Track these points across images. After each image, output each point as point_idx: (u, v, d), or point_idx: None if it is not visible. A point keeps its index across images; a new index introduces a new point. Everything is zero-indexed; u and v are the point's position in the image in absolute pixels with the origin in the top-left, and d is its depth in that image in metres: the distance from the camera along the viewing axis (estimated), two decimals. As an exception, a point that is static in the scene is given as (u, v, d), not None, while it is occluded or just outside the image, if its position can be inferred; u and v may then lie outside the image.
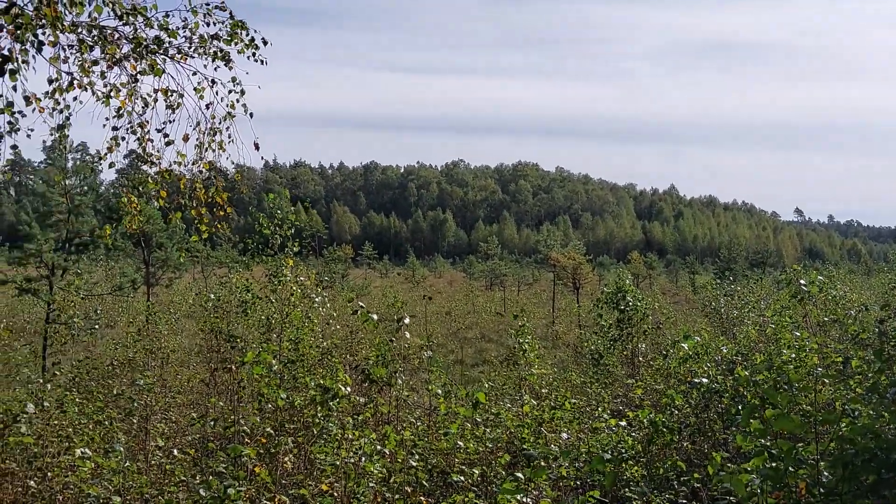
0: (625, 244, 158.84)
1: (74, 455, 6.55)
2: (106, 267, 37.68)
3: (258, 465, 6.14)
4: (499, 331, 36.83)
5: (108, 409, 8.92)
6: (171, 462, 7.51)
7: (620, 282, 16.60)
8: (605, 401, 11.91)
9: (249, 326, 15.82)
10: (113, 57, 5.77)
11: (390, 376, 8.82)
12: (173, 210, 6.82)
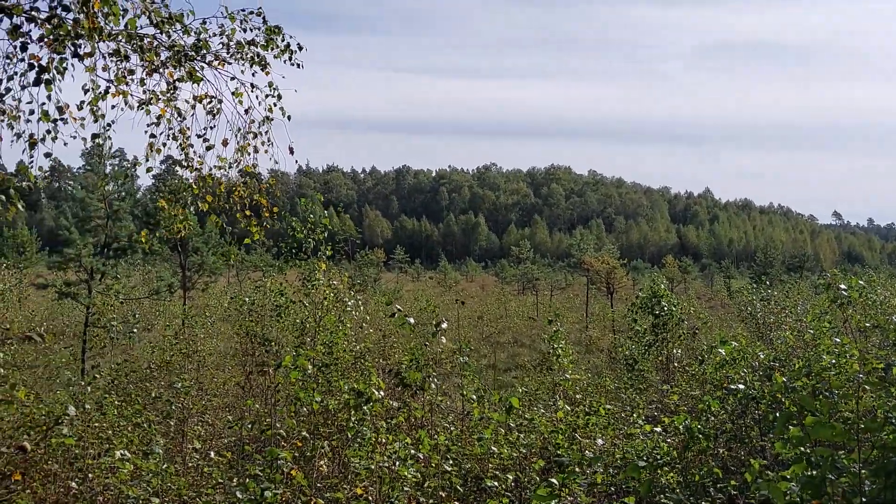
0: (659, 248, 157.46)
1: (114, 457, 6.66)
2: (143, 271, 38.26)
3: (294, 469, 6.19)
4: (531, 335, 36.69)
5: (147, 411, 9.06)
6: (208, 464, 7.61)
7: (655, 286, 16.46)
8: (639, 406, 11.80)
9: (283, 330, 15.93)
10: (151, 64, 5.87)
11: (424, 380, 8.83)
12: (215, 213, 6.92)
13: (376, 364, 13.57)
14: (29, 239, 47.65)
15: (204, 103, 6.48)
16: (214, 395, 12.09)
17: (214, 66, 6.39)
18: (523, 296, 66.41)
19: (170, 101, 6.31)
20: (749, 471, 5.52)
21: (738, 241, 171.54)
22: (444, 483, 7.00)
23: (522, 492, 7.97)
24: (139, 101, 6.14)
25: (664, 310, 15.88)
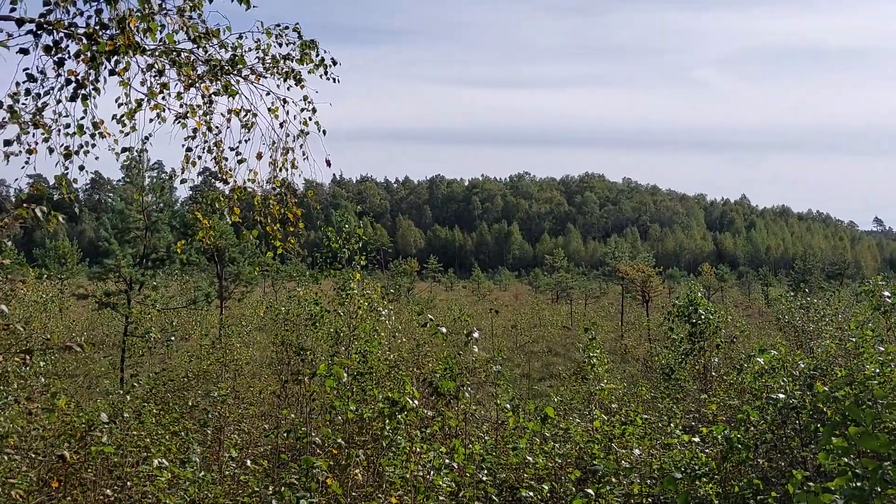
0: (695, 256, 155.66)
1: (152, 465, 6.74)
2: (181, 281, 38.78)
3: (329, 477, 6.20)
4: (566, 344, 36.47)
5: (184, 419, 9.16)
6: (244, 472, 7.66)
7: (692, 294, 16.24)
8: (676, 416, 11.65)
9: (318, 339, 16.04)
10: (188, 79, 5.96)
11: (458, 390, 8.81)
12: (248, 227, 6.98)
13: (410, 373, 13.57)
14: (70, 250, 48.62)
15: (239, 117, 6.54)
16: (251, 403, 12.18)
17: (250, 81, 6.46)
18: (557, 305, 66.05)
19: (206, 114, 6.39)
20: (791, 482, 5.41)
21: (776, 249, 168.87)
22: (479, 493, 6.96)
23: (558, 502, 7.89)
24: (176, 114, 6.23)
25: (701, 318, 15.66)
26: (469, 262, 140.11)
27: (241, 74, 6.29)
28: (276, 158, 6.77)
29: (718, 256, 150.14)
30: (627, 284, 44.77)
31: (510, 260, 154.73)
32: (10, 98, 5.13)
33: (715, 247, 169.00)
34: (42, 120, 5.18)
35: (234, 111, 6.40)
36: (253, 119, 6.54)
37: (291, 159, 6.81)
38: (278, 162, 6.79)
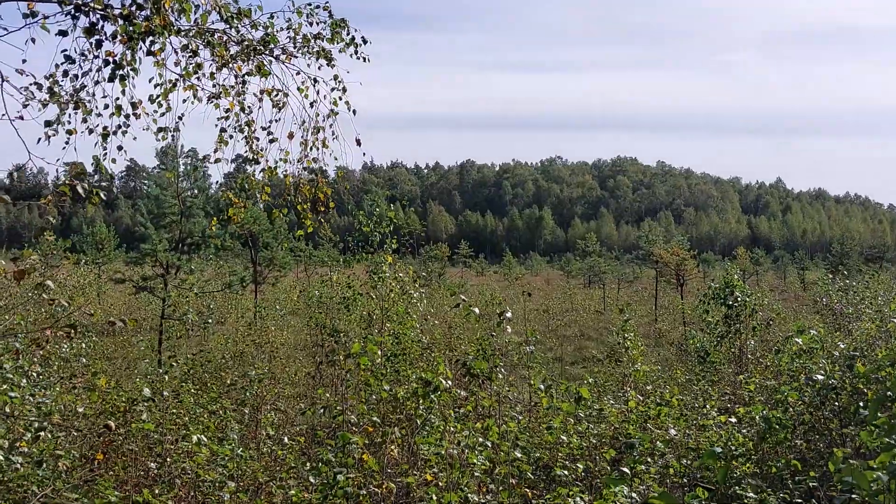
0: (729, 240, 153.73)
1: (192, 441, 6.86)
2: (216, 266, 39.26)
3: (366, 453, 6.26)
4: (598, 328, 36.31)
5: (222, 399, 9.30)
6: (282, 449, 7.77)
7: (728, 276, 16.05)
8: (712, 398, 11.55)
9: (351, 322, 16.15)
10: (221, 59, 6.00)
11: (491, 370, 8.82)
12: (279, 207, 7.02)
13: (443, 355, 13.62)
14: (107, 236, 49.40)
15: (271, 97, 6.56)
16: (286, 384, 12.33)
17: (281, 61, 6.48)
18: (590, 289, 65.72)
19: (238, 95, 6.43)
20: (832, 460, 5.33)
21: (813, 232, 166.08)
22: (514, 471, 6.97)
23: (593, 480, 7.89)
24: (209, 95, 6.28)
25: (737, 300, 15.47)
26: (500, 247, 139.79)
27: (272, 54, 6.31)
28: (307, 138, 6.79)
29: (753, 240, 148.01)
30: (661, 268, 44.37)
31: (541, 245, 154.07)
32: (48, 80, 5.21)
33: (750, 231, 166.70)
34: (81, 100, 5.25)
35: (265, 91, 6.43)
36: (284, 99, 6.56)
37: (322, 139, 6.82)
38: (309, 142, 6.81)
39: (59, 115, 5.24)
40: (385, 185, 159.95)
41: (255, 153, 6.64)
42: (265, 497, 6.94)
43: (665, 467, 7.98)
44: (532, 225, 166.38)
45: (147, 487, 6.56)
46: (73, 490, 6.28)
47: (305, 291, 22.92)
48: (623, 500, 6.08)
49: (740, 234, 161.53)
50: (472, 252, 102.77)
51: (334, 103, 6.67)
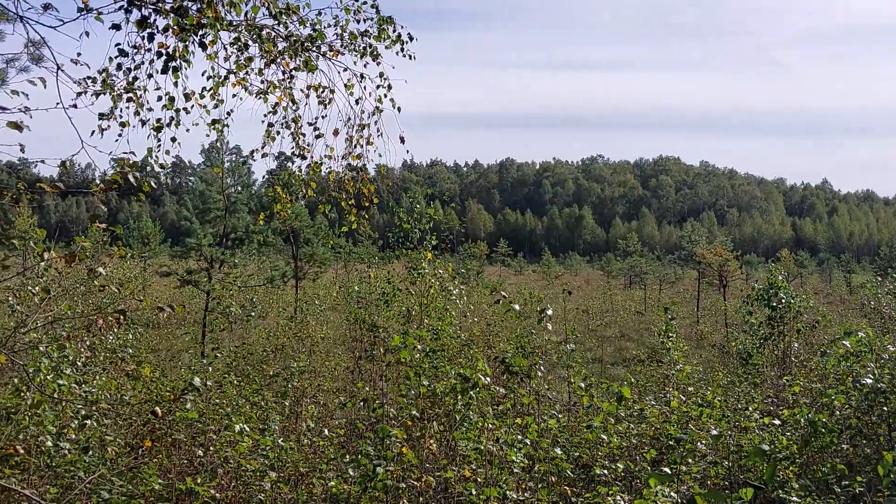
0: (773, 241, 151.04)
1: (234, 431, 6.96)
2: (258, 261, 39.75)
3: (405, 447, 6.29)
4: (639, 329, 35.95)
5: (263, 391, 9.42)
6: (323, 440, 7.85)
7: (773, 277, 15.77)
8: (754, 400, 11.37)
9: (390, 318, 16.23)
10: (269, 54, 6.07)
11: (530, 368, 8.79)
12: (323, 202, 7.07)
13: (481, 352, 13.62)
14: (153, 231, 50.37)
15: (317, 93, 6.62)
16: (326, 378, 12.44)
17: (328, 57, 6.52)
18: (630, 290, 65.08)
19: (286, 90, 6.49)
20: (881, 464, 5.23)
21: (860, 235, 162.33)
22: (553, 468, 6.95)
23: (632, 481, 7.82)
24: (258, 90, 6.36)
25: (782, 302, 15.19)
26: (539, 246, 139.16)
27: (319, 51, 6.37)
28: (352, 135, 6.83)
29: (797, 242, 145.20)
30: (704, 269, 43.76)
31: (581, 245, 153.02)
32: (101, 73, 5.33)
33: (794, 233, 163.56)
34: (134, 91, 5.37)
35: (312, 87, 6.48)
36: (330, 95, 6.61)
37: (367, 136, 6.85)
38: (353, 138, 6.85)
39: (113, 107, 5.36)
40: (424, 183, 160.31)
41: (301, 149, 6.71)
42: (305, 488, 7.01)
43: (714, 464, 7.87)
44: (572, 224, 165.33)
45: (190, 475, 6.68)
46: (118, 476, 6.41)
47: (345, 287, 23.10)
48: (664, 499, 6.02)
49: (784, 235, 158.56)
50: (511, 251, 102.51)
51: (379, 100, 6.70)
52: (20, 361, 5.18)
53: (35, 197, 4.42)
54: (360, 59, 6.62)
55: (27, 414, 6.61)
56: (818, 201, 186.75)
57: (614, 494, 6.46)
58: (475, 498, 6.16)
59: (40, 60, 5.42)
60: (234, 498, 6.75)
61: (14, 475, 6.28)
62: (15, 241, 4.86)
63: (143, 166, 5.80)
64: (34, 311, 8.18)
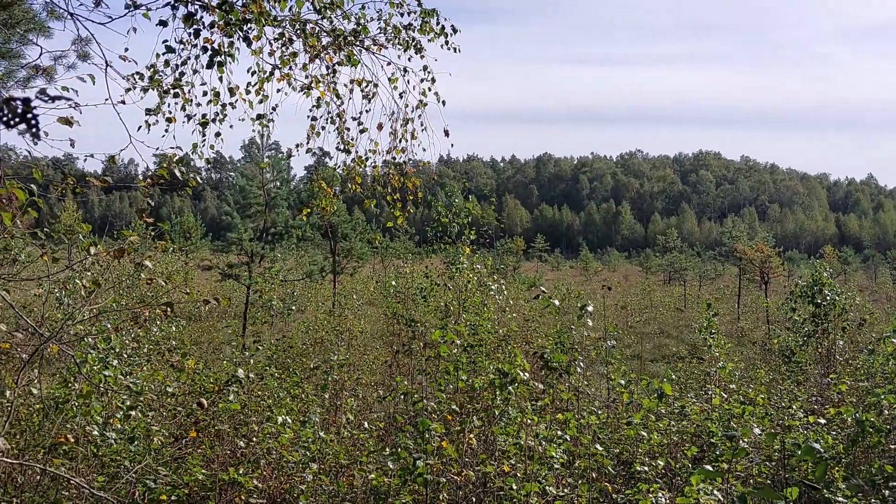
0: (816, 238, 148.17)
1: (276, 422, 7.04)
2: (297, 256, 40.18)
3: (445, 440, 6.30)
4: (678, 326, 35.55)
5: (303, 384, 9.52)
6: (362, 432, 7.90)
7: (817, 274, 15.47)
8: (798, 398, 11.17)
9: (428, 313, 16.27)
10: (314, 49, 6.11)
11: (569, 364, 8.74)
12: (368, 198, 7.07)
13: (520, 347, 13.58)
14: (194, 225, 51.16)
15: (361, 87, 6.63)
16: (364, 371, 12.53)
17: (372, 51, 6.53)
18: (669, 286, 64.38)
19: (330, 85, 6.52)
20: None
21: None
22: (593, 464, 6.91)
23: (674, 478, 7.74)
24: (302, 85, 6.40)
25: (826, 298, 14.90)
26: (576, 242, 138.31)
27: (363, 45, 6.39)
28: (396, 129, 6.83)
29: (842, 239, 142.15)
30: (744, 266, 43.11)
31: (619, 240, 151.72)
32: (149, 70, 5.42)
33: (837, 229, 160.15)
34: (181, 87, 5.45)
35: (356, 81, 6.50)
36: (374, 89, 6.62)
37: (411, 130, 6.85)
38: (398, 132, 6.85)
39: (160, 103, 5.45)
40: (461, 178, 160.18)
41: (345, 143, 6.73)
42: (346, 479, 7.07)
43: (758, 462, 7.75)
44: (609, 219, 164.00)
45: (233, 466, 6.77)
46: (163, 466, 6.53)
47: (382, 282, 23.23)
48: (706, 497, 5.96)
49: (827, 232, 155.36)
50: (548, 246, 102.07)
51: (423, 94, 6.68)
52: (69, 352, 5.29)
53: (83, 191, 4.51)
54: (404, 52, 6.61)
55: (75, 404, 6.76)
56: (863, 196, 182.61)
57: (655, 491, 6.40)
58: (515, 493, 6.15)
59: (87, 57, 5.53)
60: (276, 488, 6.83)
61: (64, 463, 6.43)
62: (63, 235, 4.97)
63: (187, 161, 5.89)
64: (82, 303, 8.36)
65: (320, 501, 6.68)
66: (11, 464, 5.29)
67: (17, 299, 13.67)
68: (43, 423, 6.82)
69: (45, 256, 4.18)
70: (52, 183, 4.50)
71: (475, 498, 7.22)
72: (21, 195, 3.73)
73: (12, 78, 5.54)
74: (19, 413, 7.10)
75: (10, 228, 3.83)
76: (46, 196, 4.31)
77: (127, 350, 8.81)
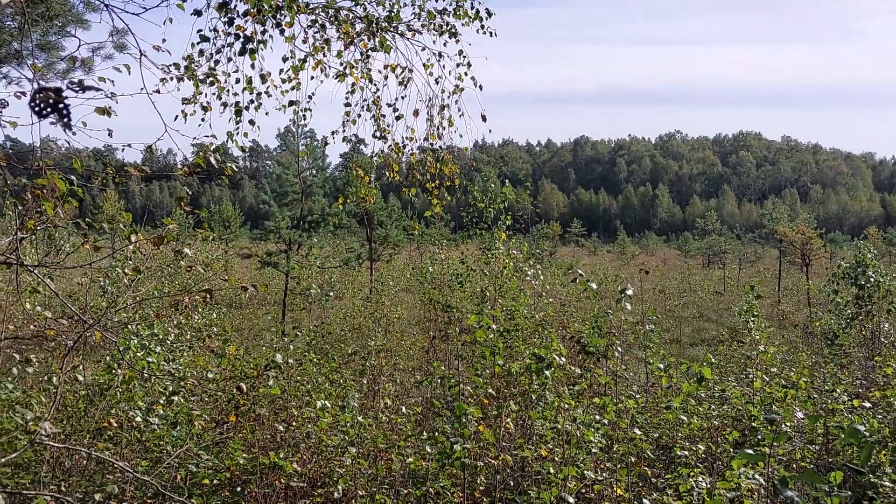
0: (860, 219, 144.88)
1: (315, 407, 7.11)
2: (333, 243, 40.46)
3: (482, 425, 6.31)
4: (718, 310, 35.10)
5: (342, 369, 9.60)
6: (400, 417, 7.95)
7: (861, 256, 15.13)
8: (841, 382, 10.97)
9: (464, 298, 16.27)
10: (347, 36, 6.10)
11: (607, 348, 8.69)
12: (407, 186, 7.01)
13: (556, 332, 13.53)
14: (233, 214, 51.84)
15: (396, 73, 6.58)
16: (402, 357, 12.60)
17: (406, 37, 6.48)
18: (708, 269, 63.55)
19: (364, 71, 6.49)
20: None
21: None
22: (632, 449, 6.87)
23: (714, 462, 7.67)
24: (336, 72, 6.39)
25: (870, 280, 14.57)
26: (613, 225, 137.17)
27: (397, 31, 6.35)
28: (433, 115, 6.76)
29: (887, 219, 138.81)
30: (785, 248, 42.36)
31: (657, 224, 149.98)
32: (185, 60, 5.47)
33: (883, 209, 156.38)
34: (215, 75, 5.49)
35: (390, 66, 6.46)
36: (409, 75, 6.57)
37: (448, 116, 6.77)
38: (435, 119, 6.79)
39: (196, 92, 5.50)
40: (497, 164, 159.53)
41: (381, 130, 6.69)
42: (384, 463, 7.12)
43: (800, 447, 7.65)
44: (647, 203, 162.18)
45: (273, 450, 6.86)
46: (205, 450, 6.64)
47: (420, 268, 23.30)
48: (747, 482, 5.89)
49: (872, 212, 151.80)
50: (585, 231, 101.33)
51: (459, 79, 6.59)
52: (112, 339, 5.40)
53: (123, 181, 4.58)
54: (439, 37, 6.53)
55: (119, 390, 6.90)
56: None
57: (695, 476, 6.34)
58: (553, 477, 6.15)
59: (124, 48, 5.60)
60: (316, 472, 6.91)
61: (108, 448, 6.57)
62: (105, 224, 5.06)
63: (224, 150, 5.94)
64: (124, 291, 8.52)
65: (359, 485, 6.75)
66: (59, 448, 5.44)
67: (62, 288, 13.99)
68: (88, 409, 6.97)
69: (87, 245, 4.26)
70: (94, 173, 4.58)
71: (513, 482, 7.24)
72: (62, 185, 3.80)
73: (52, 70, 5.64)
74: (65, 399, 7.27)
75: (52, 218, 3.90)
76: (87, 186, 4.38)
77: (169, 337, 8.98)
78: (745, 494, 5.91)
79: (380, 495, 6.50)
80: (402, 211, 38.54)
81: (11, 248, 4.00)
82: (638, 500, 6.54)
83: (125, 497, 5.99)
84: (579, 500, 6.47)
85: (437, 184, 6.87)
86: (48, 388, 6.82)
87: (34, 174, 4.01)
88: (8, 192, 4.08)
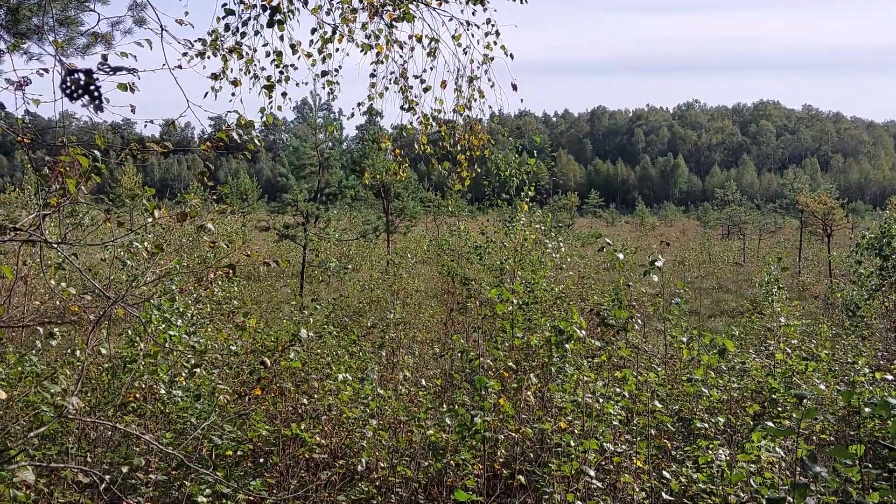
0: (882, 188, 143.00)
1: (336, 380, 7.17)
2: (350, 216, 40.46)
3: (502, 397, 6.34)
4: (737, 281, 34.91)
5: (361, 341, 9.65)
6: (420, 389, 8.00)
7: (885, 225, 14.95)
8: (863, 354, 10.90)
9: (482, 271, 16.24)
10: (372, 7, 6.03)
11: (627, 321, 8.66)
12: (439, 159, 6.90)
13: (576, 304, 13.51)
14: (251, 187, 52.04)
15: (423, 43, 6.47)
16: (420, 329, 12.64)
17: (432, 7, 6.35)
18: (728, 240, 63.12)
19: (389, 42, 6.38)
20: None
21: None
22: (653, 422, 6.87)
23: (734, 435, 7.66)
24: (362, 44, 6.30)
25: (895, 251, 14.41)
26: (631, 196, 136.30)
27: (423, 1, 6.24)
28: (462, 86, 6.63)
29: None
30: (806, 218, 41.94)
31: (676, 194, 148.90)
32: (210, 35, 5.44)
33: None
34: (240, 50, 5.47)
35: (416, 37, 6.35)
36: (436, 45, 6.45)
37: (477, 87, 6.64)
38: (464, 90, 6.65)
39: (224, 67, 5.47)
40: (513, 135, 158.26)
41: (409, 102, 6.60)
42: (405, 435, 7.18)
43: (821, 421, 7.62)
44: (666, 173, 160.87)
45: (295, 422, 6.93)
46: (228, 423, 6.71)
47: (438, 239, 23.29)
48: (767, 454, 5.89)
49: (895, 182, 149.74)
50: (603, 201, 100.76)
51: (488, 48, 6.45)
52: (135, 313, 5.45)
53: (144, 156, 4.59)
54: (466, 5, 6.36)
55: (142, 363, 6.98)
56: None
57: (715, 448, 6.35)
58: (573, 449, 6.17)
59: (143, 23, 5.57)
60: (337, 444, 6.98)
61: (133, 421, 6.66)
62: (126, 199, 5.08)
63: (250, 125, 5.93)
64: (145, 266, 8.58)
65: (380, 456, 6.81)
66: (84, 421, 5.52)
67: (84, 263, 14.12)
68: (112, 382, 7.06)
69: (109, 221, 4.29)
70: (113, 147, 4.59)
71: (533, 454, 7.27)
72: (85, 161, 3.82)
73: (72, 45, 5.63)
74: (90, 372, 7.36)
75: (74, 194, 3.92)
76: (107, 161, 4.40)
77: (190, 310, 9.05)
78: (764, 467, 5.91)
79: (401, 467, 6.56)
80: (418, 183, 38.43)
81: (35, 225, 4.03)
82: (657, 472, 6.56)
83: (150, 468, 6.08)
84: (599, 472, 6.49)
85: (469, 155, 6.78)
86: (72, 362, 6.91)
87: (55, 150, 4.03)
88: (32, 168, 4.10)
